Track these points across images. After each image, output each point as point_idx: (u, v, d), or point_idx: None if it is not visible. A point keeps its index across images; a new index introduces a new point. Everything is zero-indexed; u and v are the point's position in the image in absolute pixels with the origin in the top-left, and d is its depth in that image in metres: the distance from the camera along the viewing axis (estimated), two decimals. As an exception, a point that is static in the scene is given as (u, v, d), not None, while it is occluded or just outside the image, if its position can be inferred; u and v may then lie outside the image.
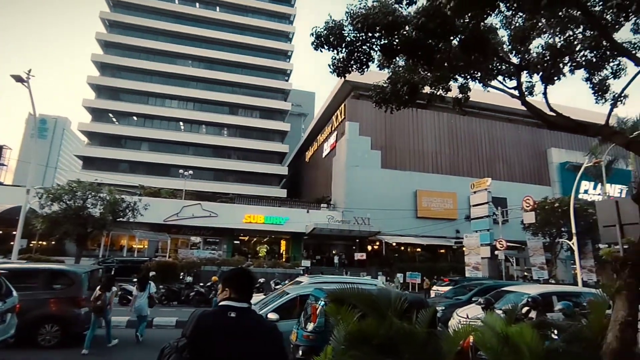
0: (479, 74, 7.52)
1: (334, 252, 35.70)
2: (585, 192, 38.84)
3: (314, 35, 5.93)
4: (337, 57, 6.12)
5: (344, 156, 36.46)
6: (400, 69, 7.16)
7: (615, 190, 39.29)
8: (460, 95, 8.02)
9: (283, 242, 37.44)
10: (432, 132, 39.58)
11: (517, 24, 7.16)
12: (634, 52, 6.63)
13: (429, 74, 7.12)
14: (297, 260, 31.41)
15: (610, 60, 6.81)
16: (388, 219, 32.08)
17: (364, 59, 5.85)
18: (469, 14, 5.60)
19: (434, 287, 21.69)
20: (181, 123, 52.82)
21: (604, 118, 6.12)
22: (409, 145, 38.40)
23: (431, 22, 5.13)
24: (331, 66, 6.10)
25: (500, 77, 7.58)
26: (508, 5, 5.39)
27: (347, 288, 5.21)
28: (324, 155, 43.73)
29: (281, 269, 26.77)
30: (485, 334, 5.48)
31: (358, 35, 5.66)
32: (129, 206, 24.28)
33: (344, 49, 5.85)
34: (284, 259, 33.88)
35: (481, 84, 7.87)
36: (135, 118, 52.48)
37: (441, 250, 36.73)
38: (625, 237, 6.71)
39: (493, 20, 7.21)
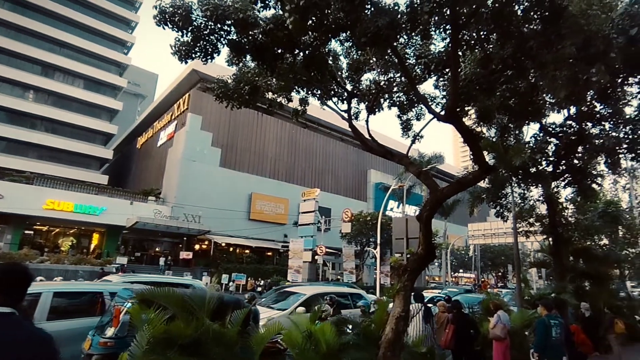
0: (319, 92, 8.21)
1: (157, 249, 32.82)
2: (391, 209, 46.57)
3: (158, 10, 5.39)
4: (181, 40, 5.70)
5: (182, 149, 34.23)
6: (249, 70, 7.19)
7: (411, 210, 48.45)
8: (299, 108, 8.56)
9: (96, 236, 32.31)
10: (274, 139, 41.05)
11: (355, 56, 8.14)
12: (431, 103, 8.36)
13: (274, 81, 7.37)
14: (111, 256, 27.52)
15: (415, 105, 8.41)
16: (220, 219, 31.50)
17: (210, 49, 5.62)
18: (314, 34, 6.05)
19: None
20: (-38, 73, 40.05)
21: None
22: (250, 147, 38.80)
23: (279, 31, 5.32)
24: (173, 47, 5.64)
25: (335, 99, 8.45)
26: (340, 38, 6.05)
27: (158, 288, 4.86)
28: (159, 144, 40.05)
29: (88, 267, 23.04)
30: (292, 333, 5.89)
31: (207, 22, 5.41)
32: None
33: (189, 33, 5.49)
34: (93, 255, 29.19)
35: (319, 101, 8.60)
36: None
37: (269, 253, 38.14)
38: (408, 248, 8.32)
39: (338, 47, 8.02)
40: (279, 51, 5.89)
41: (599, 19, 5.59)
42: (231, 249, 35.58)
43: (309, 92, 8.27)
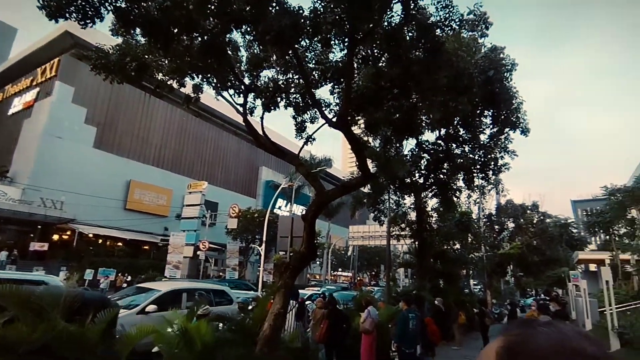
0: (215, 81, 7.87)
1: (-2, 239, 27.29)
2: (280, 208, 47.12)
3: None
4: (54, -5, 4.86)
5: (44, 122, 29.09)
6: (139, 45, 6.50)
7: (299, 209, 49.71)
8: (192, 94, 8.09)
9: None
10: (161, 124, 37.87)
11: (255, 51, 8.03)
12: (325, 108, 8.74)
13: (166, 62, 6.81)
14: None
15: (310, 108, 8.68)
16: (89, 206, 27.78)
17: (91, 12, 4.89)
18: (215, 21, 5.80)
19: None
20: None
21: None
22: (133, 130, 35.09)
23: (177, 10, 4.94)
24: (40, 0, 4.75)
25: (231, 91, 8.21)
26: (242, 30, 5.93)
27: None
28: (10, 112, 33.38)
29: None
30: (164, 331, 5.52)
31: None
32: None
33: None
34: None
35: (214, 91, 8.26)
36: None
37: (145, 247, 34.98)
38: (292, 247, 8.54)
39: (240, 39, 7.80)
40: (175, 31, 5.47)
41: (465, 60, 6.56)
42: (100, 240, 31.55)
43: (204, 80, 7.88)
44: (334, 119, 7.41)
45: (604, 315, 12.53)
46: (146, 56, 5.78)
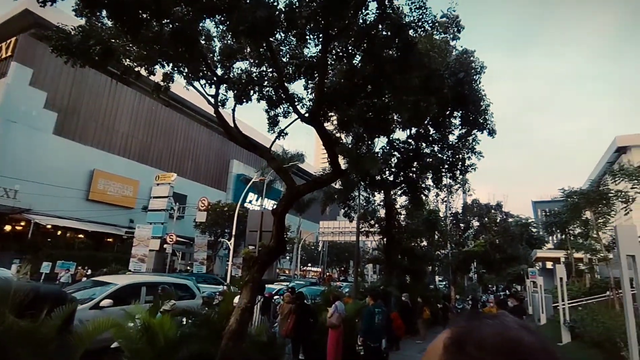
0: (186, 70, 7.65)
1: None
2: (250, 202, 46.60)
3: None
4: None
5: (-2, 105, 27.32)
6: (105, 27, 6.20)
7: (270, 204, 49.35)
8: (162, 83, 7.83)
9: None
10: (129, 112, 36.43)
11: (229, 42, 7.86)
12: (298, 103, 8.70)
13: (134, 48, 6.55)
14: None
15: (283, 102, 8.61)
16: (47, 196, 26.38)
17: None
18: (188, 8, 5.63)
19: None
20: None
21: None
22: (98, 117, 33.56)
23: (147, -7, 4.75)
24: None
25: (203, 82, 8.01)
26: (215, 19, 5.80)
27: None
28: (-38, 94, 31.16)
29: None
30: (128, 327, 5.36)
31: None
32: None
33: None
34: None
35: (185, 81, 8.03)
36: None
37: (109, 239, 33.69)
38: (261, 241, 8.48)
39: (213, 28, 7.60)
40: (145, 16, 5.25)
41: (437, 61, 6.70)
42: (59, 232, 30.08)
43: (175, 69, 7.64)
44: (307, 115, 7.39)
45: (557, 310, 13.26)
46: (112, 40, 5.52)
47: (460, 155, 14.85)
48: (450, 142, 14.78)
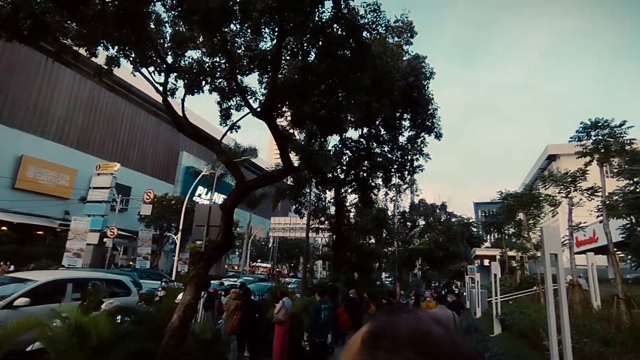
0: (133, 55, 7.23)
1: None
2: (199, 195, 45.15)
3: None
4: None
5: None
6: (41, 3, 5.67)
7: (220, 198, 48.06)
8: (105, 66, 7.35)
9: None
10: (67, 95, 33.61)
11: (180, 29, 7.53)
12: (251, 97, 8.55)
13: (73, 25, 6.07)
14: None
15: (236, 95, 8.43)
16: (-33, 183, 23.80)
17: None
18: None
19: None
20: None
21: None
22: (29, 98, 30.58)
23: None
24: None
25: (152, 68, 7.61)
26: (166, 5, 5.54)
27: None
28: None
29: None
30: (54, 327, 4.99)
31: None
32: None
33: None
34: None
35: (132, 66, 7.60)
36: None
37: (39, 232, 31.00)
38: (208, 236, 8.25)
39: (164, 12, 7.24)
40: (85, -7, 4.88)
41: (389, 64, 6.91)
42: (-22, 223, 27.22)
43: (121, 52, 7.19)
44: (259, 109, 7.29)
45: (491, 304, 14.27)
46: (47, 15, 5.04)
47: (409, 157, 15.45)
48: (400, 144, 15.32)
